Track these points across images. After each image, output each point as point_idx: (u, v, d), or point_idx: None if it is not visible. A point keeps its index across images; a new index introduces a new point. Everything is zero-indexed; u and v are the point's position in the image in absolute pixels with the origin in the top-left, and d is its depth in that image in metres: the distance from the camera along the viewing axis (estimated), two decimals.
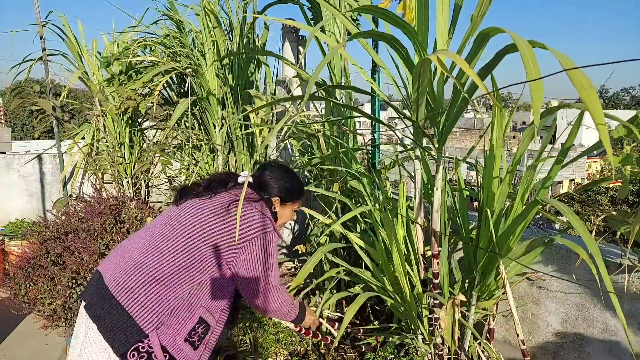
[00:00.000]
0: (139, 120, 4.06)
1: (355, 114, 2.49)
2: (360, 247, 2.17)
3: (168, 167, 3.94)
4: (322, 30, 2.45)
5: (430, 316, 1.89)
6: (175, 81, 3.90)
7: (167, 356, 1.33)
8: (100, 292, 1.36)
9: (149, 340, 1.30)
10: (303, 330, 1.90)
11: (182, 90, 3.77)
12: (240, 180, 1.61)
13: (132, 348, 1.29)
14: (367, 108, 5.29)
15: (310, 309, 1.83)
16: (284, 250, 3.58)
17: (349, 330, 2.36)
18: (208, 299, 1.41)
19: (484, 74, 1.45)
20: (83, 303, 1.42)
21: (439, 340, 1.90)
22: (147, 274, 1.36)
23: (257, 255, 1.41)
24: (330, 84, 2.51)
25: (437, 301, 1.83)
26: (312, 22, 2.68)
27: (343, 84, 2.58)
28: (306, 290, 2.70)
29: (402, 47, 1.53)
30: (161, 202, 4.18)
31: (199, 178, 3.69)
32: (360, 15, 2.49)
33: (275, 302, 1.50)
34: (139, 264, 1.38)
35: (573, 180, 21.27)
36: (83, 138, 3.97)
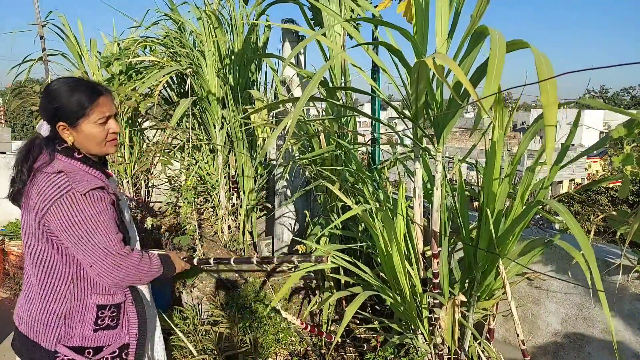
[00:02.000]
0: (139, 120, 4.06)
1: (356, 112, 2.49)
2: (360, 246, 2.17)
3: (168, 167, 3.94)
4: (321, 29, 2.45)
5: (430, 316, 1.89)
6: (175, 81, 3.90)
7: (91, 351, 1.30)
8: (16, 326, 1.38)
9: (59, 353, 1.28)
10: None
11: (182, 90, 3.77)
12: (41, 131, 1.33)
13: None
14: (367, 108, 5.29)
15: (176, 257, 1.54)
16: (284, 250, 3.58)
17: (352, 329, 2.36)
18: (84, 284, 1.30)
19: (481, 73, 1.45)
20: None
21: (439, 340, 1.90)
22: (24, 296, 1.34)
23: (70, 221, 1.20)
24: (331, 84, 2.51)
25: (437, 301, 1.83)
26: (312, 21, 2.68)
27: (343, 84, 2.58)
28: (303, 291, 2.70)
29: (399, 52, 1.53)
30: (161, 202, 4.18)
31: (198, 178, 3.69)
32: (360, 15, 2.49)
33: (110, 269, 1.24)
34: (23, 290, 1.37)
35: (573, 180, 21.27)
36: None
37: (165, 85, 3.82)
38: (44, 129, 1.32)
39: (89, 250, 1.22)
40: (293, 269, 3.44)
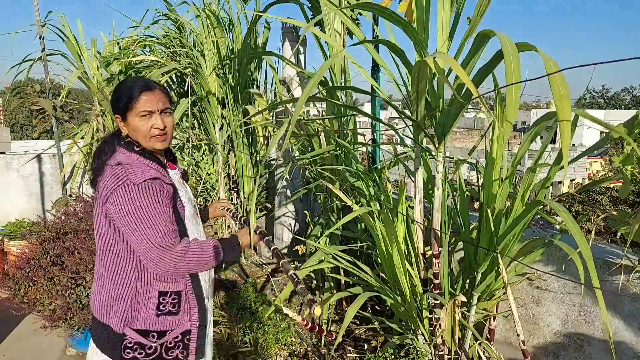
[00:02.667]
0: None
1: (356, 112, 2.48)
2: (360, 246, 2.16)
3: None
4: (322, 29, 2.44)
5: (430, 316, 1.89)
6: (175, 81, 3.90)
7: (155, 334, 1.36)
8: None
9: (127, 336, 1.35)
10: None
11: (182, 90, 3.76)
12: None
13: (122, 349, 1.34)
14: (367, 108, 5.28)
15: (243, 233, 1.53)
16: (284, 251, 3.57)
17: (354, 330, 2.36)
18: (146, 271, 1.34)
19: (483, 73, 1.44)
20: None
21: (439, 340, 1.89)
22: (96, 284, 1.41)
23: (123, 210, 1.25)
24: (331, 83, 2.50)
25: (438, 301, 1.83)
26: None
27: (343, 83, 2.57)
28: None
29: (400, 50, 1.53)
30: None
31: (198, 178, 3.69)
32: (361, 14, 2.48)
33: (155, 261, 1.26)
34: (95, 279, 1.44)
35: (574, 180, 21.26)
36: (82, 138, 3.97)
37: (165, 85, 3.81)
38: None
39: (137, 239, 1.26)
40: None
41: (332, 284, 2.71)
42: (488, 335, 2.03)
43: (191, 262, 1.30)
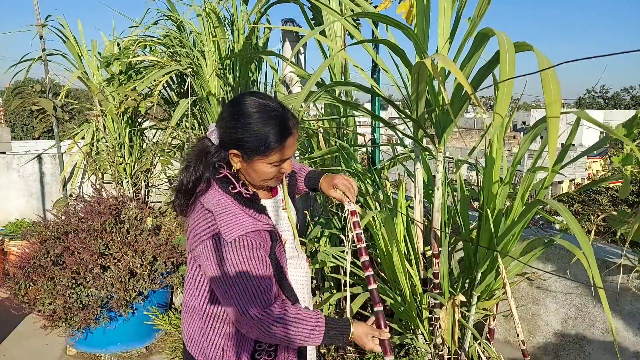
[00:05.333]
0: (139, 120, 4.06)
1: (356, 112, 2.48)
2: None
3: (168, 167, 3.94)
4: (322, 32, 2.45)
5: (430, 316, 1.89)
6: (175, 81, 3.90)
7: None
8: None
9: None
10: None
11: (182, 90, 3.77)
12: (212, 137, 1.18)
13: None
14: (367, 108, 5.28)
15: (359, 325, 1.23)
16: None
17: None
18: None
19: (483, 74, 1.45)
20: None
21: (439, 340, 1.90)
22: (187, 314, 1.25)
23: (212, 268, 1.10)
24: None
25: (437, 301, 1.83)
26: (312, 21, 2.68)
27: None
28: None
29: (400, 50, 1.53)
30: (161, 202, 4.18)
31: None
32: None
33: (240, 326, 1.11)
34: (185, 308, 1.28)
35: (573, 180, 21.26)
36: (83, 138, 3.97)
37: (165, 85, 3.82)
38: (214, 136, 1.18)
39: (226, 303, 1.11)
40: None
41: (332, 284, 2.71)
42: (488, 335, 2.04)
43: (288, 333, 1.09)
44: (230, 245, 1.07)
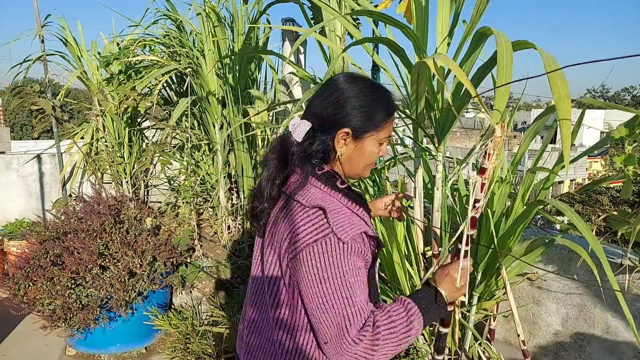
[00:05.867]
0: (139, 120, 4.06)
1: None
2: None
3: (167, 167, 3.93)
4: (322, 31, 2.44)
5: None
6: (175, 81, 3.90)
7: None
8: None
9: None
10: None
11: (181, 90, 3.76)
12: (295, 133, 1.02)
13: None
14: None
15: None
16: None
17: None
18: (310, 342, 1.01)
19: (482, 73, 1.44)
20: None
21: None
22: (247, 324, 1.12)
23: (319, 275, 0.91)
24: None
25: None
26: (312, 21, 2.67)
27: None
28: None
29: (400, 49, 1.52)
30: (160, 202, 4.18)
31: (198, 178, 3.68)
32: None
33: (330, 352, 0.93)
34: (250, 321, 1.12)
35: (574, 180, 21.25)
36: (82, 138, 3.97)
37: (165, 85, 3.81)
38: (299, 131, 1.02)
39: (322, 318, 0.92)
40: None
41: None
42: (488, 336, 2.03)
43: (387, 349, 0.92)
44: (344, 248, 0.91)
